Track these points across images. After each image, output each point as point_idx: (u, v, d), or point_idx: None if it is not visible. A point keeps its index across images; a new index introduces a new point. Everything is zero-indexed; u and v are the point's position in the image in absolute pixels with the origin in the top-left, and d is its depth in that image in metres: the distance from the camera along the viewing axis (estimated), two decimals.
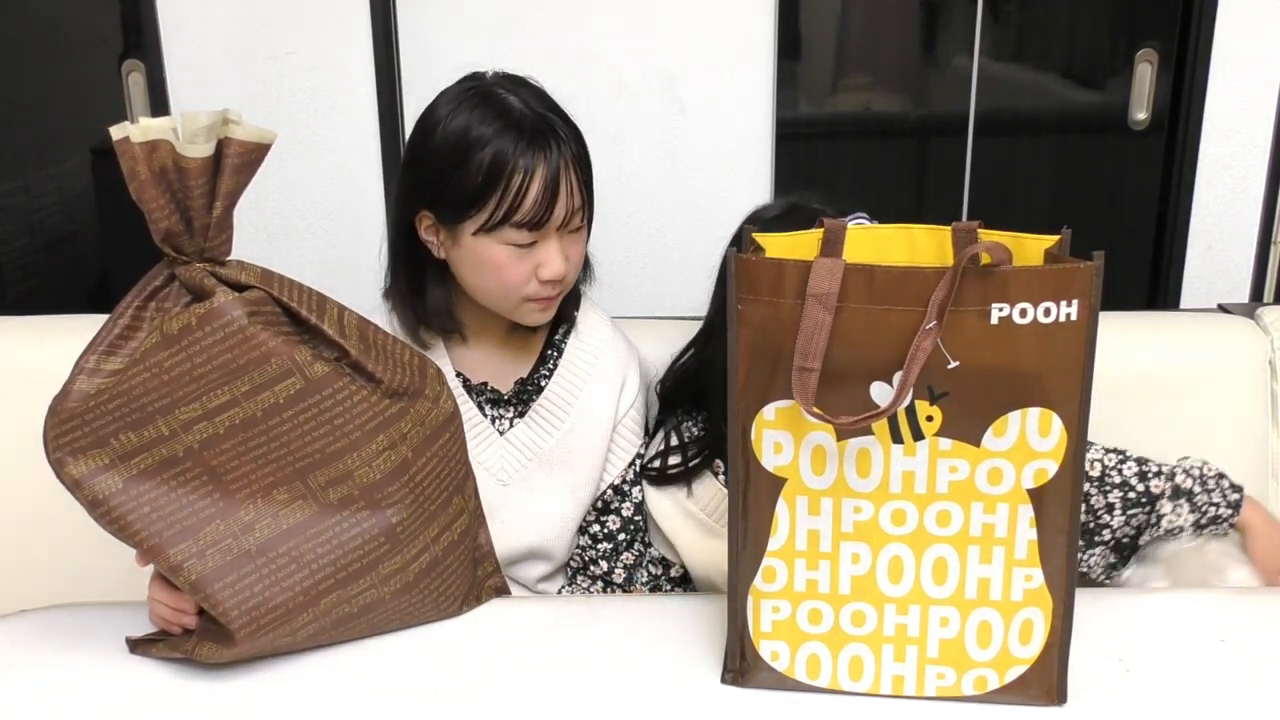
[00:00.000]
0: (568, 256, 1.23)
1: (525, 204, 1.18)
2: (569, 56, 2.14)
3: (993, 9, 2.20)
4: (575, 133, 1.24)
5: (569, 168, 1.20)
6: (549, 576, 1.36)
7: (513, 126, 1.19)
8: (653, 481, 1.34)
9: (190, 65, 2.17)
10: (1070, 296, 0.84)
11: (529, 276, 1.22)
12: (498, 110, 1.20)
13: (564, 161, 1.19)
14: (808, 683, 0.97)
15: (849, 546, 0.93)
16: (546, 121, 1.20)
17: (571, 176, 1.20)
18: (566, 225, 1.22)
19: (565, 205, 1.20)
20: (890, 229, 1.04)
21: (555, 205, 1.19)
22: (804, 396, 0.87)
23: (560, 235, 1.22)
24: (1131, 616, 1.08)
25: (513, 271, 1.22)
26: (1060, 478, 0.89)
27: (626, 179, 2.18)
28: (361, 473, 1.00)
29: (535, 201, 1.18)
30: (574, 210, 1.21)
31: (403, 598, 1.04)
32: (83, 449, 0.96)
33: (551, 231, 1.21)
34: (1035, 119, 2.30)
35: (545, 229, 1.20)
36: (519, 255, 1.21)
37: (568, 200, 1.20)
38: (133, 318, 0.97)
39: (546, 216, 1.19)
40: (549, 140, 1.19)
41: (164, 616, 1.05)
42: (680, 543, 1.32)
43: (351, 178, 2.21)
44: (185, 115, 0.91)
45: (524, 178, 1.17)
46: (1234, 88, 2.15)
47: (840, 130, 2.30)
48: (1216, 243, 2.24)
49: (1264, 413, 1.49)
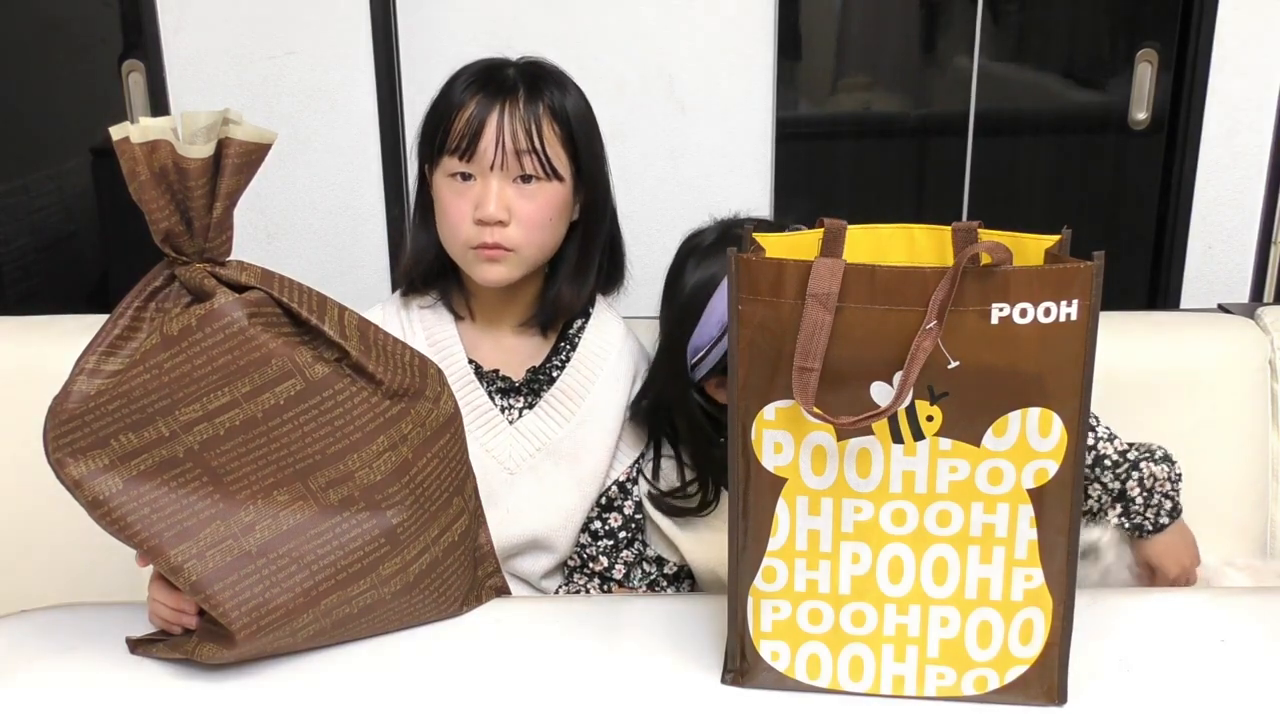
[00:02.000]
0: (515, 210, 1.24)
1: (456, 126, 1.24)
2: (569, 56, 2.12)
3: (993, 9, 2.20)
4: (559, 90, 1.27)
5: (522, 112, 1.24)
6: (550, 573, 1.36)
7: (482, 73, 1.27)
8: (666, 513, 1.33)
9: (190, 65, 2.17)
10: (1070, 296, 0.84)
11: (467, 215, 1.25)
12: (482, 64, 1.29)
13: (517, 103, 1.24)
14: (808, 683, 0.97)
15: (849, 546, 0.93)
16: (512, 71, 1.27)
17: (528, 121, 1.24)
18: (508, 168, 1.24)
19: (499, 141, 1.23)
20: (890, 229, 1.04)
21: (483, 134, 1.23)
22: (804, 396, 0.87)
23: (504, 180, 1.24)
24: (1131, 616, 1.08)
25: (453, 207, 1.26)
26: (1060, 478, 0.89)
27: (626, 179, 2.17)
28: (362, 474, 1.00)
29: (466, 123, 1.23)
30: (518, 151, 1.23)
31: (403, 598, 1.05)
32: (83, 450, 0.96)
33: (486, 168, 1.24)
34: (1035, 119, 2.30)
35: (477, 161, 1.24)
36: (458, 190, 1.26)
37: (508, 138, 1.23)
38: (133, 318, 0.97)
39: (474, 144, 1.23)
40: (504, 82, 1.25)
41: (164, 617, 1.05)
42: (677, 537, 1.32)
43: (351, 178, 2.21)
44: (185, 115, 0.90)
45: (464, 107, 1.24)
46: (1234, 88, 2.15)
47: (840, 130, 2.30)
48: (1216, 243, 2.24)
49: (1264, 413, 1.49)
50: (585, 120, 1.30)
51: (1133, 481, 1.29)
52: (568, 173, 1.27)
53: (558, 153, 1.26)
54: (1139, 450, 1.30)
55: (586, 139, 1.29)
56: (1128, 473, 1.29)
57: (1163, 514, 1.30)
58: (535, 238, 1.27)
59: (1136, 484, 1.29)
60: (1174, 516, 1.30)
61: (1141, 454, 1.30)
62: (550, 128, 1.25)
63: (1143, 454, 1.30)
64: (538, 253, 1.29)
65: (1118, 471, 1.29)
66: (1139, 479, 1.29)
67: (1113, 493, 1.30)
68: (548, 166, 1.25)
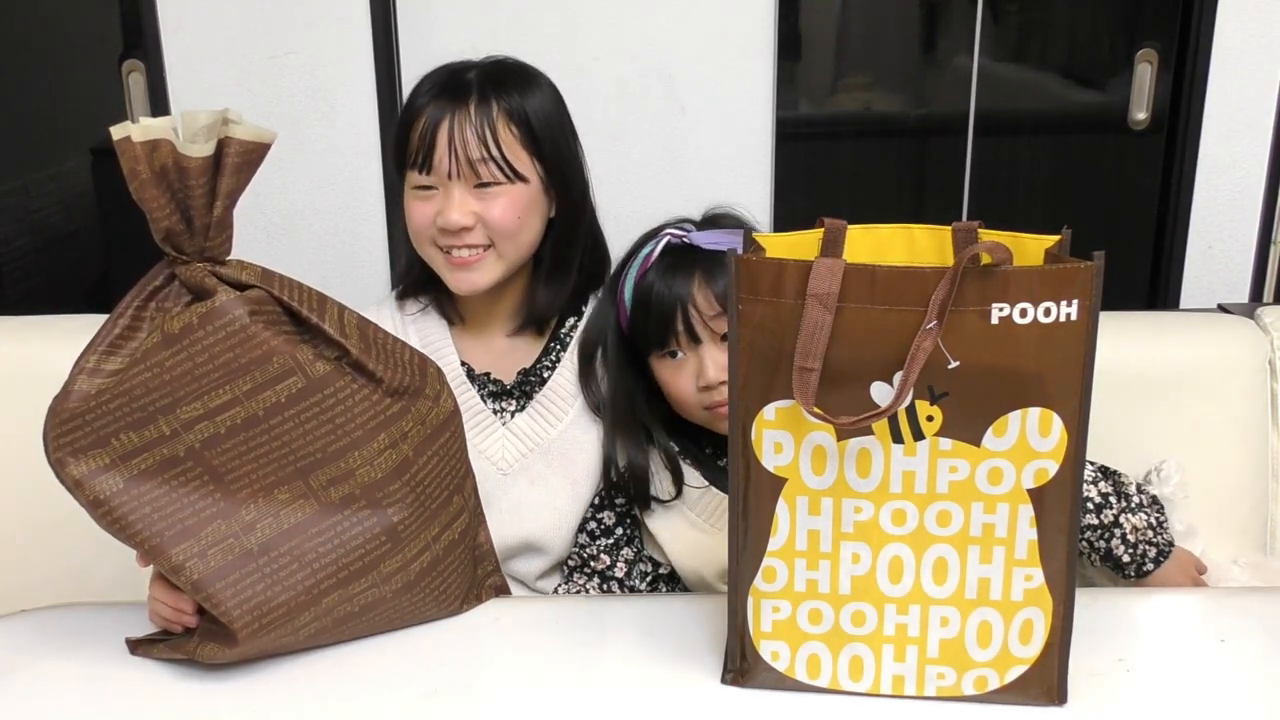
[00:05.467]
0: (480, 214, 1.24)
1: (413, 139, 1.25)
2: (569, 56, 2.14)
3: (993, 9, 2.20)
4: (520, 90, 1.26)
5: (474, 118, 1.23)
6: (546, 573, 1.36)
7: (441, 80, 1.27)
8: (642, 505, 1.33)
9: (190, 65, 2.17)
10: (1070, 296, 0.84)
11: (430, 221, 1.26)
12: (444, 69, 1.29)
13: (468, 110, 1.23)
14: (808, 683, 0.97)
15: (849, 546, 0.93)
16: (472, 74, 1.26)
17: (480, 127, 1.23)
18: (464, 176, 1.24)
19: (453, 150, 1.23)
20: (890, 229, 1.04)
21: (436, 146, 1.23)
22: (804, 396, 0.87)
23: (466, 187, 1.24)
24: (1131, 616, 1.09)
25: (417, 214, 1.27)
26: (1060, 477, 0.89)
27: (626, 179, 2.18)
28: (363, 472, 1.00)
29: (420, 136, 1.24)
30: (474, 160, 1.23)
31: (404, 597, 1.05)
32: (83, 449, 0.96)
33: (445, 177, 1.24)
34: (1035, 119, 2.30)
35: (435, 172, 1.24)
36: (422, 198, 1.26)
37: (459, 146, 1.23)
38: (133, 317, 0.97)
39: (429, 156, 1.23)
40: (459, 89, 1.25)
41: (164, 616, 1.05)
42: (665, 540, 1.32)
43: (351, 178, 2.21)
44: (185, 115, 0.90)
45: (419, 118, 1.24)
46: (1234, 88, 2.15)
47: (840, 130, 2.30)
48: (1216, 243, 2.24)
49: (1264, 413, 1.49)
50: (550, 118, 1.28)
51: (1116, 539, 1.29)
52: (533, 173, 1.27)
53: (518, 154, 1.25)
54: (1118, 494, 1.30)
55: (551, 138, 1.28)
56: (1110, 531, 1.29)
57: (1148, 561, 1.29)
58: (507, 238, 1.27)
59: (1119, 541, 1.29)
60: (1160, 561, 1.30)
61: (1121, 505, 1.29)
62: (507, 130, 1.24)
63: (1122, 505, 1.30)
64: (515, 251, 1.28)
65: (1099, 533, 1.29)
66: (1121, 535, 1.29)
67: (1099, 551, 1.30)
68: (507, 170, 1.25)
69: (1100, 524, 1.29)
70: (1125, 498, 1.30)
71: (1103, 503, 1.29)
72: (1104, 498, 1.29)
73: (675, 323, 1.22)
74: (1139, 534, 1.29)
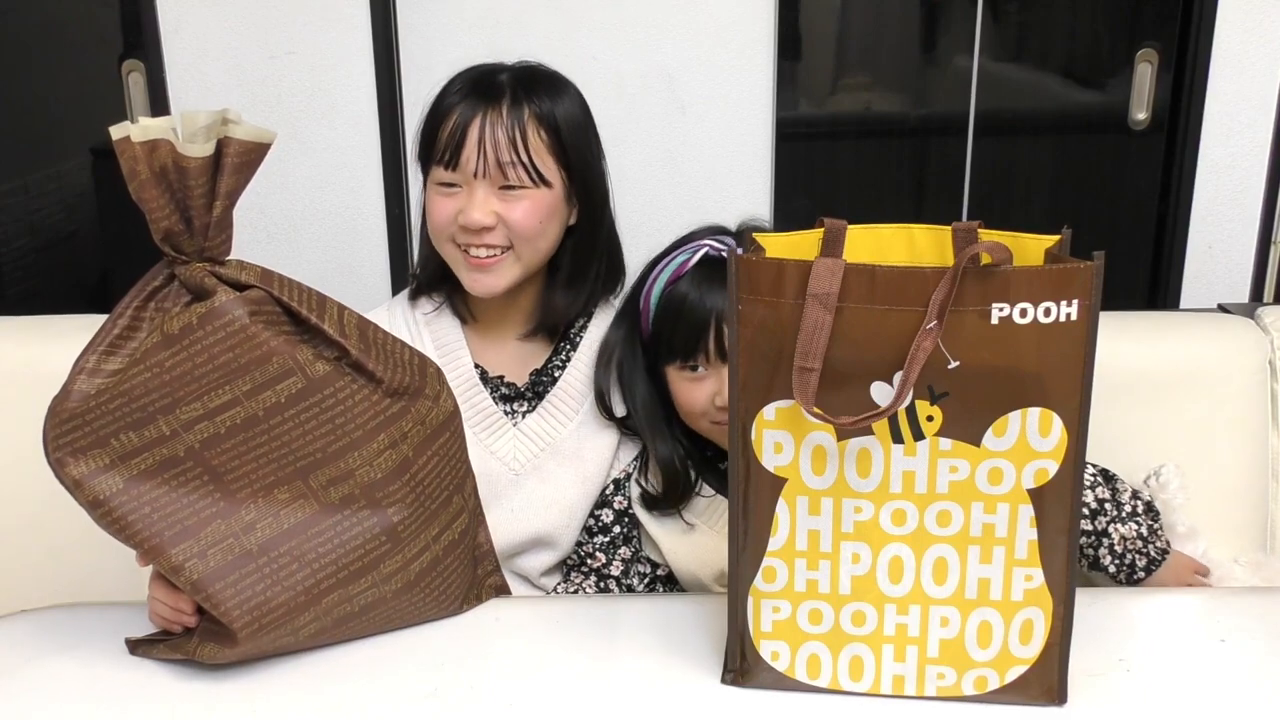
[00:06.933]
0: (502, 214, 1.25)
1: (441, 135, 1.25)
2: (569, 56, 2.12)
3: (993, 9, 2.20)
4: (550, 96, 1.27)
5: (505, 120, 1.24)
6: (550, 570, 1.36)
7: (473, 79, 1.28)
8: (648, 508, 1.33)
9: (190, 65, 2.17)
10: (1070, 296, 0.84)
11: (452, 219, 1.26)
12: (476, 70, 1.29)
13: (500, 111, 1.24)
14: (808, 683, 0.97)
15: (849, 546, 0.93)
16: (504, 76, 1.27)
17: (511, 129, 1.23)
18: (491, 177, 1.24)
19: (482, 150, 1.23)
20: (890, 229, 1.04)
21: (466, 143, 1.23)
22: (804, 396, 0.87)
23: (491, 188, 1.25)
24: (1131, 616, 1.09)
25: (439, 210, 1.27)
26: (1060, 478, 0.89)
27: (626, 179, 2.17)
28: (363, 472, 1.00)
29: (449, 133, 1.24)
30: (502, 162, 1.23)
31: (404, 597, 1.05)
32: (83, 449, 0.96)
33: (471, 176, 1.24)
34: (1035, 119, 2.30)
35: (461, 170, 1.24)
36: (445, 194, 1.27)
37: (489, 147, 1.23)
38: (133, 317, 0.97)
39: (458, 154, 1.24)
40: (492, 90, 1.25)
41: (164, 616, 1.05)
42: (660, 539, 1.32)
43: (351, 178, 2.21)
44: (185, 115, 0.90)
45: (450, 116, 1.25)
46: (1234, 88, 2.15)
47: (840, 130, 2.30)
48: (1216, 243, 2.24)
49: (1264, 413, 1.49)
50: (578, 126, 1.29)
51: (1104, 549, 1.29)
52: (558, 179, 1.27)
53: (545, 160, 1.26)
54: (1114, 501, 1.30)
55: (578, 146, 1.28)
56: (1099, 539, 1.29)
57: (1137, 570, 1.29)
58: (527, 241, 1.27)
59: (1107, 551, 1.29)
60: (1151, 569, 1.30)
61: (1112, 513, 1.30)
62: (536, 134, 1.25)
63: (1113, 514, 1.30)
64: (533, 255, 1.29)
65: (1089, 539, 1.29)
66: (1109, 545, 1.29)
67: (1088, 558, 1.30)
68: (533, 174, 1.25)
69: (1092, 530, 1.29)
70: (1118, 506, 1.30)
71: (1098, 509, 1.29)
72: (1099, 503, 1.30)
73: (706, 338, 1.21)
74: (1127, 544, 1.29)
